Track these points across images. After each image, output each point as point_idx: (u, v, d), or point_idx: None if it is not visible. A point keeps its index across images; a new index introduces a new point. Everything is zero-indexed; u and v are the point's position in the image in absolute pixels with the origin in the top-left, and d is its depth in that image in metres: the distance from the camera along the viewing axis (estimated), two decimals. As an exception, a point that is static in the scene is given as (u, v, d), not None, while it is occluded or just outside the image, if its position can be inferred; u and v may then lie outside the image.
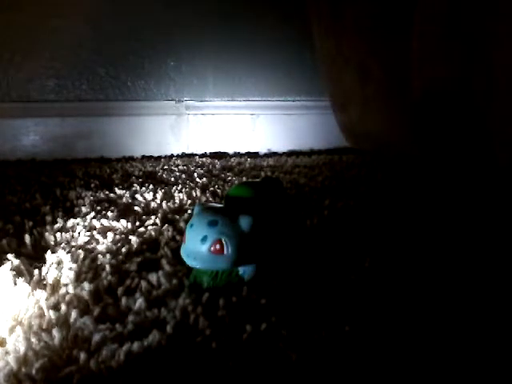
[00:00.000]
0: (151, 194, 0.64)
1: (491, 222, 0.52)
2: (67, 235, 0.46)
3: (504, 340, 0.29)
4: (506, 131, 0.58)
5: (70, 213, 0.55)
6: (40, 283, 0.36)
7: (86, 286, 0.34)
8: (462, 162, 0.70)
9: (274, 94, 1.17)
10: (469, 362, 0.26)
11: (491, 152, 0.62)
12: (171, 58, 1.09)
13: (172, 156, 1.07)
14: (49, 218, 0.51)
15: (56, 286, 0.35)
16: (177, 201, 0.60)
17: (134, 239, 0.45)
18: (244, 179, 0.76)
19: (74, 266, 0.38)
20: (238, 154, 1.12)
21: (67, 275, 0.36)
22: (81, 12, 1.01)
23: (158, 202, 0.60)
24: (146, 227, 0.49)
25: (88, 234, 0.47)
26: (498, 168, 0.63)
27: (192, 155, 1.08)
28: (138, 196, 0.63)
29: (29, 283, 0.35)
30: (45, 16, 0.99)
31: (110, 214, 0.54)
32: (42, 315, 0.31)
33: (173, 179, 0.76)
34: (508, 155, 0.60)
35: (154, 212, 0.55)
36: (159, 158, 1.05)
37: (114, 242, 0.45)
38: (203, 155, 1.09)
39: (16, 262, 0.38)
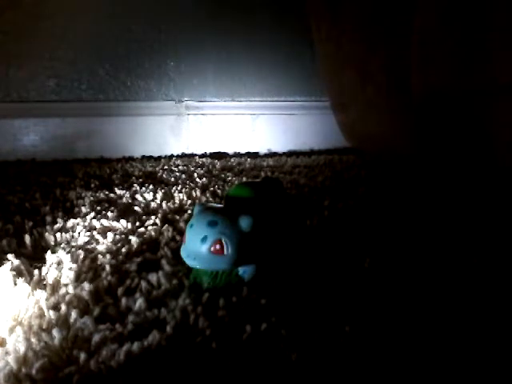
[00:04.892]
0: (151, 194, 0.64)
1: (491, 222, 0.52)
2: (67, 235, 0.46)
3: (504, 340, 0.29)
4: (507, 131, 0.58)
5: (70, 213, 0.55)
6: (40, 283, 0.36)
7: (86, 286, 0.34)
8: (462, 163, 0.70)
9: (274, 94, 1.17)
10: (469, 362, 0.26)
11: (492, 152, 0.62)
12: (171, 58, 1.09)
13: (172, 156, 1.08)
14: (49, 218, 0.51)
15: (56, 286, 0.35)
16: (177, 201, 0.60)
17: (134, 239, 0.45)
18: (244, 179, 0.76)
19: (74, 266, 0.38)
20: (238, 154, 1.12)
21: (67, 275, 0.36)
22: (81, 12, 1.01)
23: (158, 202, 0.60)
24: (146, 227, 0.49)
25: (88, 234, 0.47)
26: (499, 168, 0.63)
27: (192, 155, 1.08)
28: (138, 196, 0.63)
29: (29, 283, 0.35)
30: (45, 16, 0.99)
31: (110, 214, 0.54)
32: (42, 315, 0.31)
33: (173, 179, 0.76)
34: (509, 155, 0.60)
35: (154, 212, 0.55)
36: (159, 158, 1.05)
37: (114, 242, 0.45)
38: (203, 155, 1.09)
39: (16, 262, 0.38)
